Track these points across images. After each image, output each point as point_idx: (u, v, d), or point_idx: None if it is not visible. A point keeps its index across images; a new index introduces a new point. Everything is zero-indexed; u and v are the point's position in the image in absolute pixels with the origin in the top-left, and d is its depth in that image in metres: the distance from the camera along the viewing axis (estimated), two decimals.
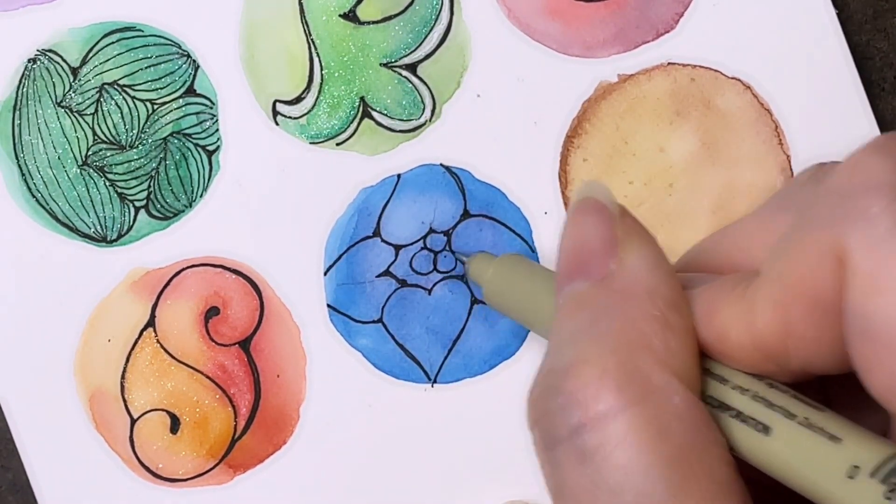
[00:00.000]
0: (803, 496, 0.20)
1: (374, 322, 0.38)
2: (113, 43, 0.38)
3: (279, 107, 0.38)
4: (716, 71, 0.38)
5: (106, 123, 0.38)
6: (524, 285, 0.30)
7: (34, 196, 0.38)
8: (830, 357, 0.21)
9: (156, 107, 0.38)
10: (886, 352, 0.19)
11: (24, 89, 0.38)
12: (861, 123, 0.38)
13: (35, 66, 0.38)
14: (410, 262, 0.38)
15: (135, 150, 0.38)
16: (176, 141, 0.38)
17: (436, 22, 0.38)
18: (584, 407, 0.21)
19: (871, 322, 0.19)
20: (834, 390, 0.24)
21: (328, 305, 0.38)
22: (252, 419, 0.37)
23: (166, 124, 0.38)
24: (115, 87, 0.38)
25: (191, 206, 0.38)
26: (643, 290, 0.22)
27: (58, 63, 0.38)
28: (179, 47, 0.38)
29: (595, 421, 0.21)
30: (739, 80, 0.38)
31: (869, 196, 0.19)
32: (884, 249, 0.19)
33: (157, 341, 0.38)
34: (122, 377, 0.37)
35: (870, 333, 0.19)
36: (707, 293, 0.22)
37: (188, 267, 0.38)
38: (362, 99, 0.38)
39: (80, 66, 0.38)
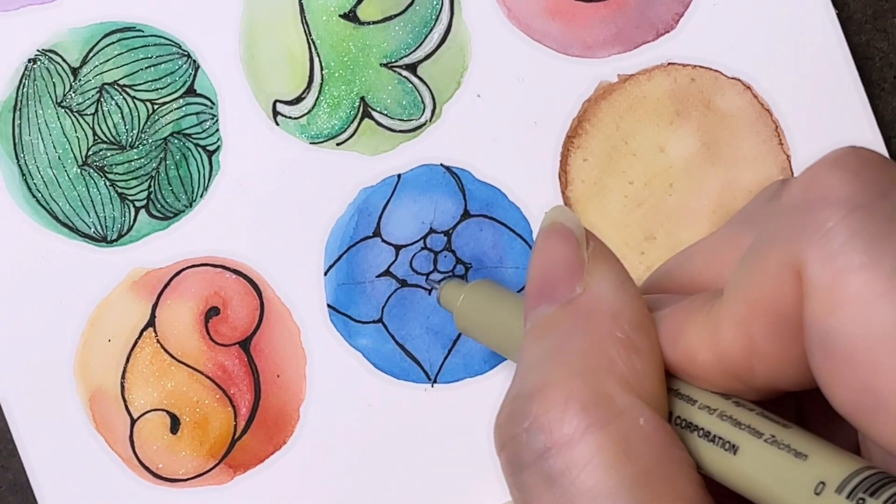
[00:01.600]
0: None
1: (374, 322, 0.38)
2: (113, 43, 0.38)
3: (279, 107, 0.38)
4: (716, 71, 0.38)
5: (106, 123, 0.38)
6: (494, 312, 0.30)
7: (34, 196, 0.38)
8: (795, 373, 0.21)
9: (156, 107, 0.38)
10: (846, 366, 0.19)
11: (25, 89, 0.38)
12: (861, 123, 0.38)
13: (35, 66, 0.38)
14: (410, 262, 0.38)
15: (135, 150, 0.38)
16: (176, 141, 0.38)
17: (436, 22, 0.38)
18: (548, 431, 0.21)
19: (830, 337, 0.19)
20: (807, 405, 0.24)
21: (328, 305, 0.38)
22: (252, 419, 0.37)
23: (166, 124, 0.38)
24: (116, 87, 0.38)
25: (191, 206, 0.38)
26: (608, 313, 0.22)
27: (58, 63, 0.38)
28: (179, 47, 0.38)
29: (560, 445, 0.21)
30: (739, 80, 0.38)
31: (824, 210, 0.19)
32: (839, 263, 0.19)
33: (157, 341, 0.38)
34: (122, 377, 0.37)
35: (829, 348, 0.19)
36: (673, 314, 0.22)
37: (188, 267, 0.38)
38: (362, 99, 0.38)
39: (80, 66, 0.38)
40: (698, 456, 0.21)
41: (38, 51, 0.38)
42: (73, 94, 0.38)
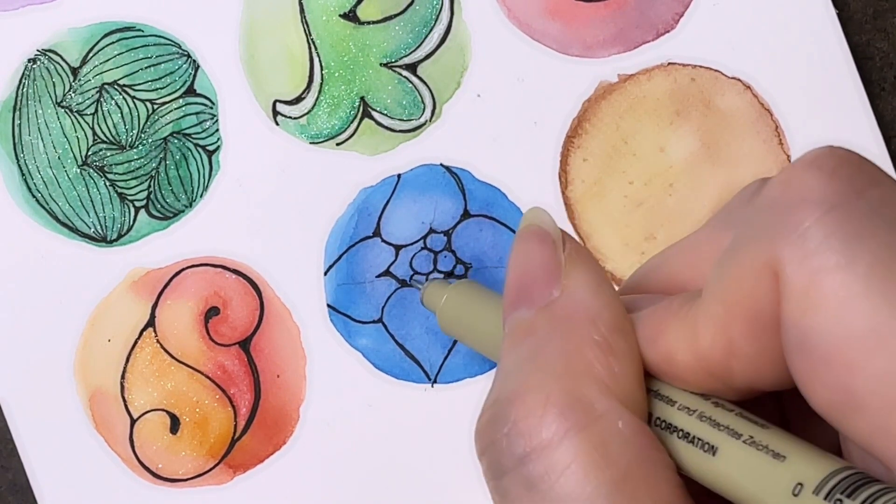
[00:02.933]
0: None
1: (374, 322, 0.38)
2: (113, 43, 0.38)
3: (279, 107, 0.38)
4: (716, 71, 0.38)
5: (106, 123, 0.38)
6: (477, 313, 0.30)
7: (34, 196, 0.38)
8: (774, 373, 0.21)
9: (156, 107, 0.38)
10: (824, 366, 0.19)
11: (24, 89, 0.38)
12: (861, 123, 0.38)
13: (35, 66, 0.38)
14: (410, 263, 0.38)
15: (135, 150, 0.38)
16: (176, 141, 0.38)
17: (436, 22, 0.38)
18: (528, 436, 0.21)
19: (807, 337, 0.19)
20: (790, 404, 0.24)
21: (328, 305, 0.38)
22: (252, 419, 0.37)
23: (166, 124, 0.38)
24: (115, 87, 0.38)
25: (191, 206, 0.38)
26: (585, 316, 0.22)
27: (58, 63, 0.38)
28: (179, 47, 0.38)
29: (539, 449, 0.21)
30: (739, 80, 0.38)
31: (801, 210, 0.19)
32: (816, 263, 0.19)
33: (157, 341, 0.38)
34: (122, 377, 0.37)
35: (806, 348, 0.19)
36: (652, 315, 0.22)
37: (188, 267, 0.38)
38: (362, 99, 0.38)
39: (80, 66, 0.38)
40: (678, 457, 0.21)
41: (37, 51, 0.38)
42: (72, 94, 0.38)
